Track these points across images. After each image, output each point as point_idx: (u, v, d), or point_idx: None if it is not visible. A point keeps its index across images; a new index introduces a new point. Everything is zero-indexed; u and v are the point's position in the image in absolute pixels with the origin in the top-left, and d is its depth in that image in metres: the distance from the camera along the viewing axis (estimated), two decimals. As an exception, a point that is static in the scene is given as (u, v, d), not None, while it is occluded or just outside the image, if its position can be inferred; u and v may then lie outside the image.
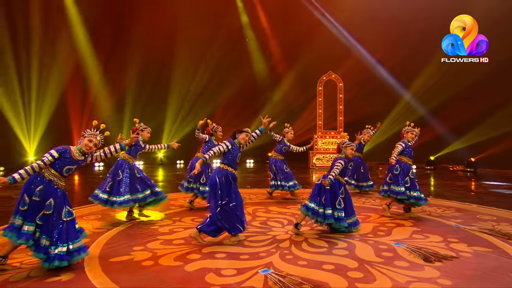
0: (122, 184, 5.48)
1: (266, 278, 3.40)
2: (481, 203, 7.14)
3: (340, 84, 14.68)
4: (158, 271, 3.60)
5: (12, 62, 11.41)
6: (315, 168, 14.36)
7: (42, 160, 3.57)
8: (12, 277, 3.46)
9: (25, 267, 3.69)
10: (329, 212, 4.75)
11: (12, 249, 3.63)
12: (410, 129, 6.12)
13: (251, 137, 4.68)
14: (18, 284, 3.31)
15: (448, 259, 3.96)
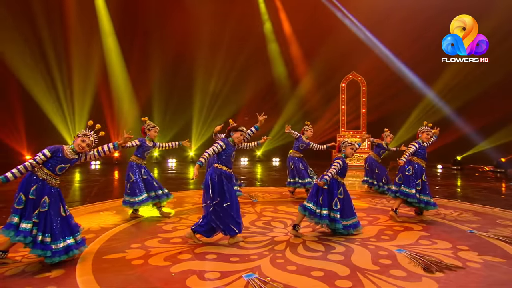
0: (135, 185, 5.39)
1: (247, 284, 3.11)
2: (505, 207, 6.38)
3: (363, 84, 13.98)
4: (144, 271, 3.41)
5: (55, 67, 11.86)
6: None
7: (35, 159, 3.51)
8: (8, 271, 3.43)
9: (25, 261, 3.65)
10: (325, 212, 4.37)
11: (12, 245, 3.60)
12: (425, 129, 5.55)
13: (246, 135, 4.39)
14: (11, 279, 3.26)
15: (452, 270, 3.46)
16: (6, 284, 3.16)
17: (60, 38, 11.75)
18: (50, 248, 3.43)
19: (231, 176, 4.21)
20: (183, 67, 13.83)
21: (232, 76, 14.36)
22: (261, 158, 16.42)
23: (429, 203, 5.31)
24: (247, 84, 14.60)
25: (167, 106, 13.38)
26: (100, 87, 12.58)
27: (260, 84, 14.61)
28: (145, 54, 13.32)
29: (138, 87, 13.12)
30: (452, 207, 6.40)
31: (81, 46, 11.98)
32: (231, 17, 13.36)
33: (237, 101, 14.63)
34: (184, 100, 14.03)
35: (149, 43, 13.34)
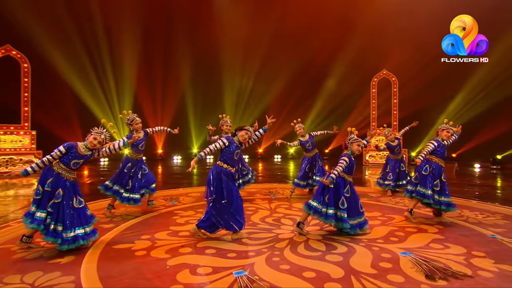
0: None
1: (235, 281, 2.97)
2: (541, 211, 5.59)
3: (395, 85, 13.09)
4: (143, 262, 3.40)
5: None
6: (368, 165, 13.07)
7: (51, 155, 3.65)
8: (30, 255, 3.61)
9: (47, 247, 3.81)
10: (331, 212, 4.08)
11: (35, 231, 3.78)
12: (446, 127, 5.01)
13: (253, 135, 4.23)
14: (29, 262, 3.41)
15: (458, 278, 3.05)
16: (23, 266, 3.31)
17: (105, 51, 12.40)
18: (61, 236, 3.55)
19: (232, 174, 4.07)
20: (210, 67, 13.85)
21: (260, 74, 14.19)
22: (294, 155, 16.11)
23: (450, 205, 4.77)
24: (276, 81, 14.32)
25: (198, 104, 13.49)
26: (139, 91, 13.08)
27: (288, 80, 14.29)
28: (176, 56, 13.52)
29: (170, 88, 13.45)
30: (479, 208, 5.74)
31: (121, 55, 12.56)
32: (259, 17, 13.21)
33: (266, 99, 14.43)
34: (214, 98, 14.08)
35: (180, 46, 13.51)
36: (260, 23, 13.64)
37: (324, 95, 14.51)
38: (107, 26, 12.32)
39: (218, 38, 13.35)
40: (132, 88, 13.03)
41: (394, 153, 7.14)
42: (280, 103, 14.35)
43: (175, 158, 14.72)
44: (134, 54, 12.68)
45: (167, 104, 13.42)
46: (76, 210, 3.72)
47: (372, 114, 13.33)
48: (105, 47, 12.44)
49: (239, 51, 13.68)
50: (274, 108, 14.24)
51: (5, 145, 9.87)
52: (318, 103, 14.48)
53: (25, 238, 3.76)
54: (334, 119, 14.24)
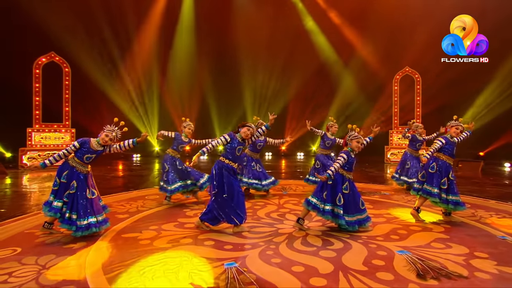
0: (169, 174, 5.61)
1: (224, 271, 2.97)
2: None
3: (418, 82, 12.42)
4: (144, 251, 3.49)
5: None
6: (390, 163, 12.55)
7: (67, 149, 3.85)
8: (49, 240, 3.84)
9: (65, 233, 4.04)
10: (328, 208, 3.96)
11: (55, 219, 4.01)
12: (455, 124, 4.70)
13: (255, 132, 4.21)
14: (47, 246, 3.63)
15: (451, 278, 2.85)
16: (41, 249, 3.52)
17: (128, 54, 12.90)
18: (75, 224, 3.74)
19: (234, 169, 4.07)
20: (229, 66, 13.92)
21: (281, 72, 14.06)
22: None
23: (458, 204, 4.46)
24: (295, 79, 14.10)
25: (221, 102, 13.60)
26: (163, 90, 13.48)
27: (305, 78, 14.02)
28: (198, 56, 13.71)
29: (192, 88, 13.72)
30: (495, 209, 5.31)
31: (145, 58, 13.01)
32: (279, 16, 13.07)
33: (285, 96, 14.27)
34: (233, 96, 14.13)
35: (202, 46, 13.68)
36: (280, 22, 13.49)
37: (345, 91, 14.08)
38: (134, 32, 12.78)
39: (238, 37, 13.36)
40: (157, 89, 13.44)
41: (414, 147, 6.80)
42: (301, 101, 14.13)
43: (202, 157, 15.02)
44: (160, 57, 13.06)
45: (193, 103, 13.71)
46: (89, 200, 3.91)
47: (394, 109, 12.77)
48: (133, 52, 12.92)
49: (259, 50, 13.62)
50: (296, 105, 14.08)
51: (49, 142, 10.58)
52: (338, 100, 14.09)
53: (47, 224, 4.00)
54: (356, 115, 13.83)
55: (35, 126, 10.44)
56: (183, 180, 5.64)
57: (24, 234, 4.04)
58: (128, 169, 11.03)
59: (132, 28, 12.59)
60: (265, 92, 14.26)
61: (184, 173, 5.65)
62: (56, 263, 3.17)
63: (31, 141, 10.37)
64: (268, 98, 14.22)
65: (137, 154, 13.94)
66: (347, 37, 13.64)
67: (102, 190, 6.67)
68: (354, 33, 13.43)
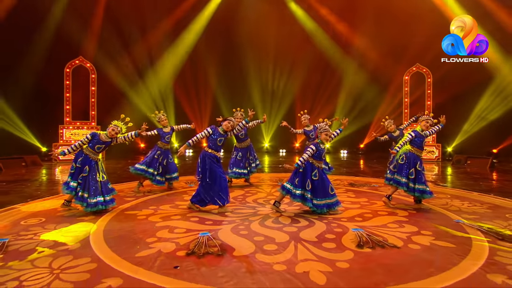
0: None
1: (197, 238, 3.66)
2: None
3: (429, 75, 12.45)
4: (139, 223, 4.26)
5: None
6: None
7: (81, 140, 4.73)
8: (67, 213, 4.73)
9: (80, 209, 4.90)
10: (298, 192, 4.54)
11: (70, 198, 4.90)
12: (425, 117, 5.10)
13: (236, 125, 4.88)
14: (66, 218, 4.51)
15: (383, 248, 3.37)
16: (60, 220, 4.39)
17: (147, 60, 13.96)
18: (86, 201, 4.60)
19: (217, 157, 4.75)
20: (238, 66, 14.55)
21: (286, 69, 14.58)
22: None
23: (425, 192, 4.88)
24: (300, 77, 14.54)
25: (229, 100, 14.31)
26: (177, 90, 14.48)
27: (312, 76, 14.43)
28: (206, 56, 14.52)
29: (204, 88, 14.61)
30: (473, 199, 5.62)
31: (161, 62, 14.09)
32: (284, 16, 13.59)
33: (291, 93, 14.77)
34: (241, 94, 14.75)
35: (211, 46, 14.46)
36: (287, 21, 14.01)
37: (354, 85, 14.32)
38: (148, 38, 13.83)
39: (245, 38, 14.03)
40: (172, 90, 14.44)
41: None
42: (306, 97, 14.55)
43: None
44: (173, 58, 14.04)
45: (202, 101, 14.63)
46: (98, 182, 4.76)
47: (404, 102, 12.87)
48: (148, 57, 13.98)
49: (266, 49, 14.23)
50: (297, 101, 14.53)
51: (77, 137, 11.81)
52: (343, 94, 14.37)
53: (66, 202, 4.91)
54: (366, 109, 14.05)
55: (66, 124, 11.75)
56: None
57: (50, 209, 4.97)
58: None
59: (149, 32, 13.65)
60: (273, 89, 14.88)
61: (163, 166, 6.29)
62: (70, 229, 4.03)
63: (63, 137, 11.68)
64: (276, 94, 14.82)
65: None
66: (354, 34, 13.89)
67: (118, 179, 7.63)
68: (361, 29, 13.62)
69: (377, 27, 12.98)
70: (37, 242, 3.56)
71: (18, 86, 11.36)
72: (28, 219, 4.39)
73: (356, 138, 14.71)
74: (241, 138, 6.82)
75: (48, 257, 3.13)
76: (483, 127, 11.79)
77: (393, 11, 12.50)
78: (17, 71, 11.38)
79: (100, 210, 4.69)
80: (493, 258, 3.09)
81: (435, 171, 9.79)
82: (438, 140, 12.37)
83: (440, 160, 12.11)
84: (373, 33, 13.13)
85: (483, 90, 11.91)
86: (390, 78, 13.42)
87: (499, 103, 11.63)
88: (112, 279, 2.69)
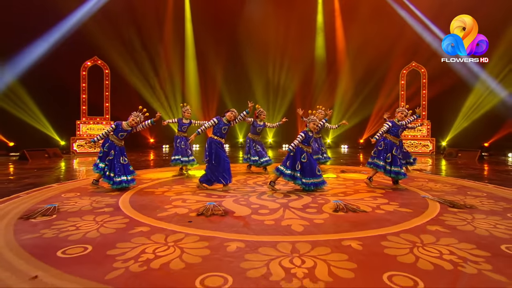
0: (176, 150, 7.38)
1: (204, 205, 4.56)
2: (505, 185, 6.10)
3: (424, 76, 13.17)
4: (156, 197, 5.18)
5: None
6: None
7: (107, 129, 5.68)
8: (97, 190, 5.67)
9: (107, 187, 5.85)
10: (289, 172, 5.43)
11: (100, 177, 5.85)
12: (401, 109, 5.93)
13: (238, 116, 5.78)
14: (94, 193, 5.46)
15: (356, 212, 4.22)
16: (92, 194, 5.33)
17: (155, 56, 14.96)
18: (112, 180, 5.55)
19: (221, 143, 5.67)
20: (242, 64, 15.44)
21: (286, 66, 15.42)
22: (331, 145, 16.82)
23: (399, 173, 5.71)
24: (297, 73, 15.38)
25: (233, 94, 15.22)
26: (184, 87, 15.45)
27: (313, 69, 15.25)
28: (212, 56, 15.46)
29: (209, 86, 15.58)
30: (446, 182, 6.45)
31: (169, 61, 15.03)
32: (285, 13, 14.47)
33: (291, 89, 15.62)
34: (246, 90, 15.57)
35: (215, 46, 15.40)
36: (286, 19, 14.86)
37: (351, 80, 15.09)
38: (160, 37, 14.82)
39: (247, 37, 14.92)
40: (180, 86, 15.43)
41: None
42: (305, 92, 15.39)
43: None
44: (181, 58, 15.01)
45: (210, 98, 15.59)
46: (122, 165, 5.71)
47: (401, 95, 13.60)
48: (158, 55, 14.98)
49: (267, 48, 15.11)
50: (297, 97, 15.38)
51: (93, 132, 12.87)
52: (341, 89, 15.15)
53: (94, 181, 5.87)
54: (365, 102, 14.83)
55: (82, 119, 12.78)
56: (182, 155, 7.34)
57: (82, 187, 5.93)
58: (157, 155, 13.06)
59: (159, 32, 14.64)
60: (274, 84, 15.77)
61: (184, 151, 7.34)
62: (101, 200, 4.98)
63: (80, 131, 12.73)
64: (277, 89, 15.72)
65: (166, 145, 16.09)
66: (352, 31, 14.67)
67: (140, 165, 8.57)
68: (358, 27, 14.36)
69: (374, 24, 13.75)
70: (80, 206, 4.51)
71: (41, 83, 12.41)
72: (67, 193, 5.36)
73: (356, 133, 15.50)
74: (258, 132, 7.70)
75: (91, 215, 4.07)
76: (475, 121, 12.47)
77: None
78: (40, 68, 12.37)
79: (123, 187, 5.64)
80: (438, 218, 3.94)
81: (429, 163, 10.55)
82: (433, 135, 13.11)
83: (434, 153, 12.86)
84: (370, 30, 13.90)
85: (473, 84, 12.58)
86: (387, 72, 14.17)
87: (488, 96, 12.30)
88: (142, 227, 3.61)
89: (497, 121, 12.21)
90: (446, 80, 12.53)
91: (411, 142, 13.16)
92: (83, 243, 3.13)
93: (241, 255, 2.85)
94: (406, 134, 13.52)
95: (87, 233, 3.40)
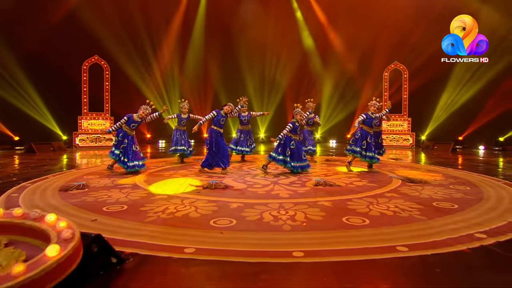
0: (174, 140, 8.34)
1: (207, 182, 5.55)
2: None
3: (405, 71, 14.33)
4: (164, 177, 6.17)
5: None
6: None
7: (120, 121, 6.62)
8: (111, 174, 6.60)
9: (121, 171, 6.78)
10: (280, 158, 6.46)
11: (115, 162, 6.77)
12: (373, 103, 6.99)
13: (234, 109, 6.77)
14: (110, 175, 6.38)
15: (332, 186, 5.27)
16: (109, 175, 6.26)
17: (156, 55, 15.89)
18: (126, 164, 6.50)
19: (220, 133, 6.67)
20: (236, 61, 16.52)
21: (276, 65, 16.53)
22: (320, 140, 17.88)
23: (373, 158, 6.79)
24: (288, 70, 16.50)
25: (225, 89, 16.31)
26: (182, 84, 16.48)
27: (296, 71, 16.39)
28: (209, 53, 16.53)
29: (205, 81, 16.64)
30: (414, 167, 7.56)
31: (168, 59, 16.01)
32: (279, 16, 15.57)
33: (283, 85, 16.77)
34: (239, 86, 16.51)
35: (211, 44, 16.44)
36: (278, 21, 15.93)
37: (337, 79, 16.24)
38: (160, 35, 15.73)
39: (242, 36, 15.97)
40: (178, 83, 16.41)
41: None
42: (295, 89, 16.51)
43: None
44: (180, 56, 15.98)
45: (208, 95, 16.61)
46: (134, 151, 6.66)
47: (384, 96, 14.74)
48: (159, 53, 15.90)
49: (260, 47, 16.18)
50: (288, 94, 16.48)
51: (94, 127, 13.71)
52: (328, 86, 16.29)
53: (109, 166, 6.81)
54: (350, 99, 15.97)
55: (83, 114, 13.62)
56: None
57: (98, 171, 6.86)
58: (155, 148, 13.98)
59: (158, 31, 15.54)
60: (265, 82, 16.87)
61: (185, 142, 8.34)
62: (119, 179, 5.92)
63: (81, 126, 13.56)
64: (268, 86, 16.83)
65: (162, 140, 17.00)
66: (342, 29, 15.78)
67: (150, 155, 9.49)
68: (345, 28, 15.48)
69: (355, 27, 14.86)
70: (103, 184, 5.47)
71: (46, 79, 13.17)
72: (87, 176, 6.30)
73: (343, 128, 16.63)
74: (244, 123, 8.69)
75: (116, 189, 5.03)
76: (450, 115, 13.68)
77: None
78: (45, 64, 13.11)
79: (136, 171, 6.60)
80: (396, 189, 5.02)
81: (409, 155, 11.70)
82: (413, 129, 14.30)
83: (414, 147, 14.05)
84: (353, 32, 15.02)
85: (448, 78, 13.74)
86: (371, 71, 15.31)
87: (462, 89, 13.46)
88: (160, 196, 4.60)
89: (471, 115, 13.43)
90: (425, 76, 13.70)
91: (393, 136, 14.33)
92: (119, 203, 4.11)
93: (241, 209, 3.87)
94: (389, 129, 14.66)
95: (119, 199, 4.38)
